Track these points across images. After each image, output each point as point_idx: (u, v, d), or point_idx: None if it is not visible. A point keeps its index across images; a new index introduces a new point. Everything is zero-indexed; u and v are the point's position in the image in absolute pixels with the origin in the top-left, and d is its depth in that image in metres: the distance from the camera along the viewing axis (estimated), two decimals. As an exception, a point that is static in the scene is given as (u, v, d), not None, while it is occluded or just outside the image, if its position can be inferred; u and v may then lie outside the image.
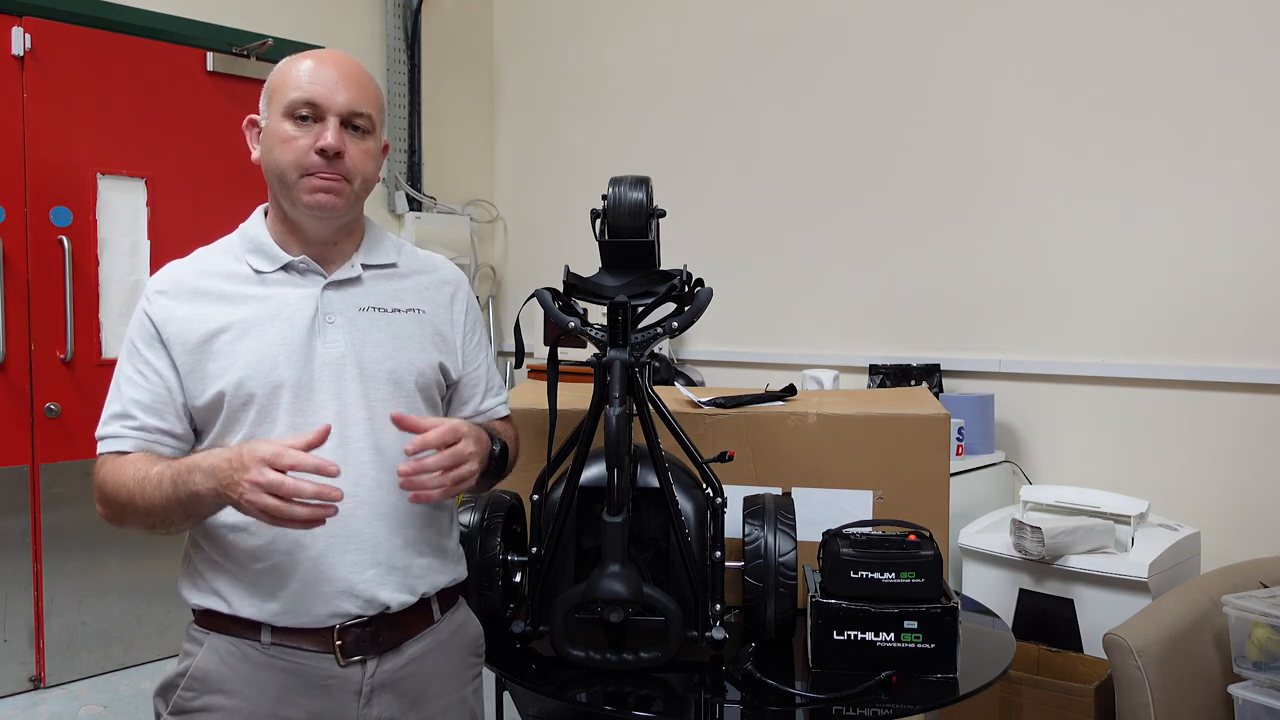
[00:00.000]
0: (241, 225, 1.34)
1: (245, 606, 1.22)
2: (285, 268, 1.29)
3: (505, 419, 1.50)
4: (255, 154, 1.31)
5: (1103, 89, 2.58)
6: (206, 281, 1.28)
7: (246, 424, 1.23)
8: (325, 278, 1.30)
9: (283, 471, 1.09)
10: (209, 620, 1.25)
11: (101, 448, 1.25)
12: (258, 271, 1.28)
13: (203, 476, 1.14)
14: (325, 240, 1.31)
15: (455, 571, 1.38)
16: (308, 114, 1.24)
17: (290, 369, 1.24)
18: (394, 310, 1.33)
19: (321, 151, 1.23)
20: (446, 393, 1.41)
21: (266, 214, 1.35)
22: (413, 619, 1.31)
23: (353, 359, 1.27)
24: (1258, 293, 2.34)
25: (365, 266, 1.33)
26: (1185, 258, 2.45)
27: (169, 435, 1.25)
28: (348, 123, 1.26)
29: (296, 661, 1.23)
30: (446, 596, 1.37)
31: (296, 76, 1.26)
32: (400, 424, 1.20)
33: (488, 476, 1.32)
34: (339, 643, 1.24)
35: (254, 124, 1.32)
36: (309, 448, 1.11)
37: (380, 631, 1.27)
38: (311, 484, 1.09)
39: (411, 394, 1.32)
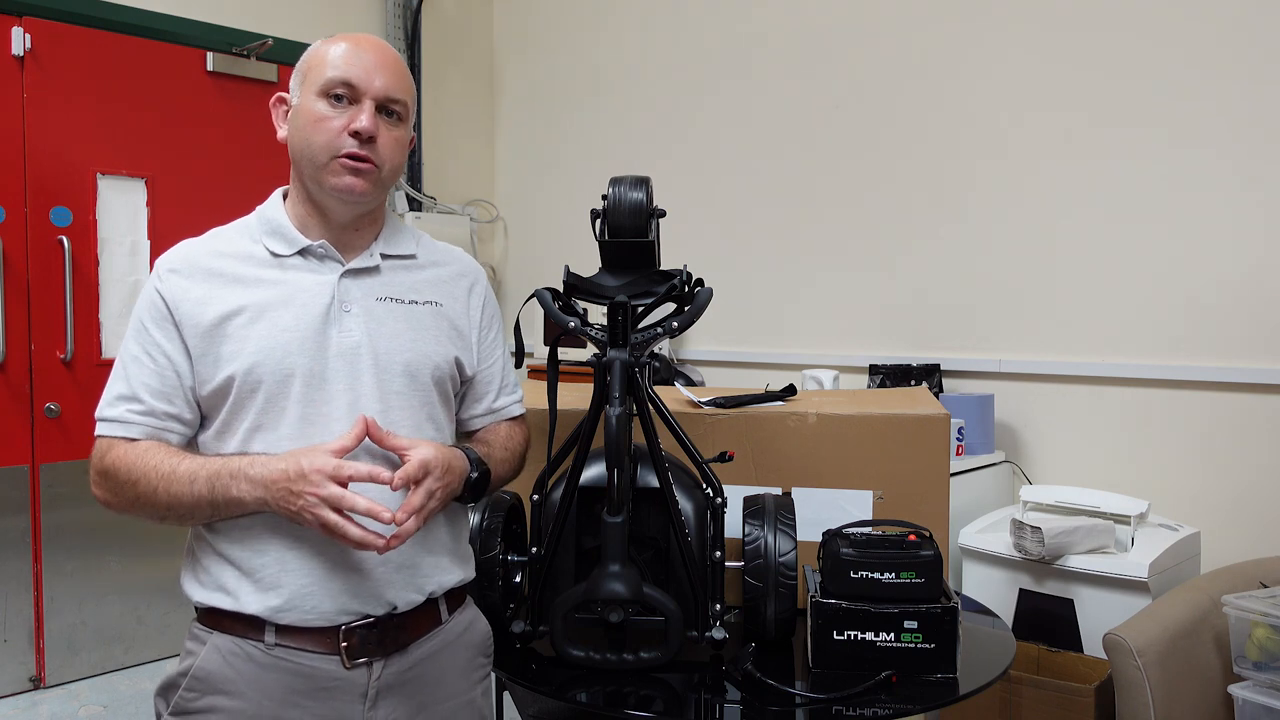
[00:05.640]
0: (259, 207, 1.32)
1: (251, 602, 1.19)
2: (303, 252, 1.27)
3: (517, 419, 1.48)
4: (281, 133, 1.29)
5: (1101, 92, 2.58)
6: (221, 262, 1.25)
7: (254, 410, 1.21)
8: (343, 265, 1.28)
9: (344, 484, 1.12)
10: (212, 619, 1.23)
11: (106, 429, 1.22)
12: (274, 254, 1.26)
13: (249, 485, 1.14)
14: (346, 226, 1.29)
15: (464, 571, 1.36)
16: (344, 94, 1.23)
17: (303, 357, 1.22)
18: (411, 302, 1.31)
19: (356, 134, 1.22)
20: (460, 388, 1.39)
21: (285, 196, 1.32)
22: (420, 619, 1.29)
23: (369, 349, 1.25)
24: (1257, 293, 2.34)
25: (384, 256, 1.32)
26: (1185, 258, 2.45)
27: (177, 420, 1.23)
28: (383, 107, 1.25)
29: (301, 663, 1.21)
30: (454, 596, 1.35)
31: (334, 56, 1.25)
32: (375, 439, 1.20)
33: (463, 500, 1.31)
34: (345, 644, 1.21)
35: (282, 101, 1.30)
36: (356, 441, 1.16)
37: (387, 632, 1.25)
38: (364, 500, 1.12)
39: (426, 388, 1.30)
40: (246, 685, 1.20)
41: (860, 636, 1.40)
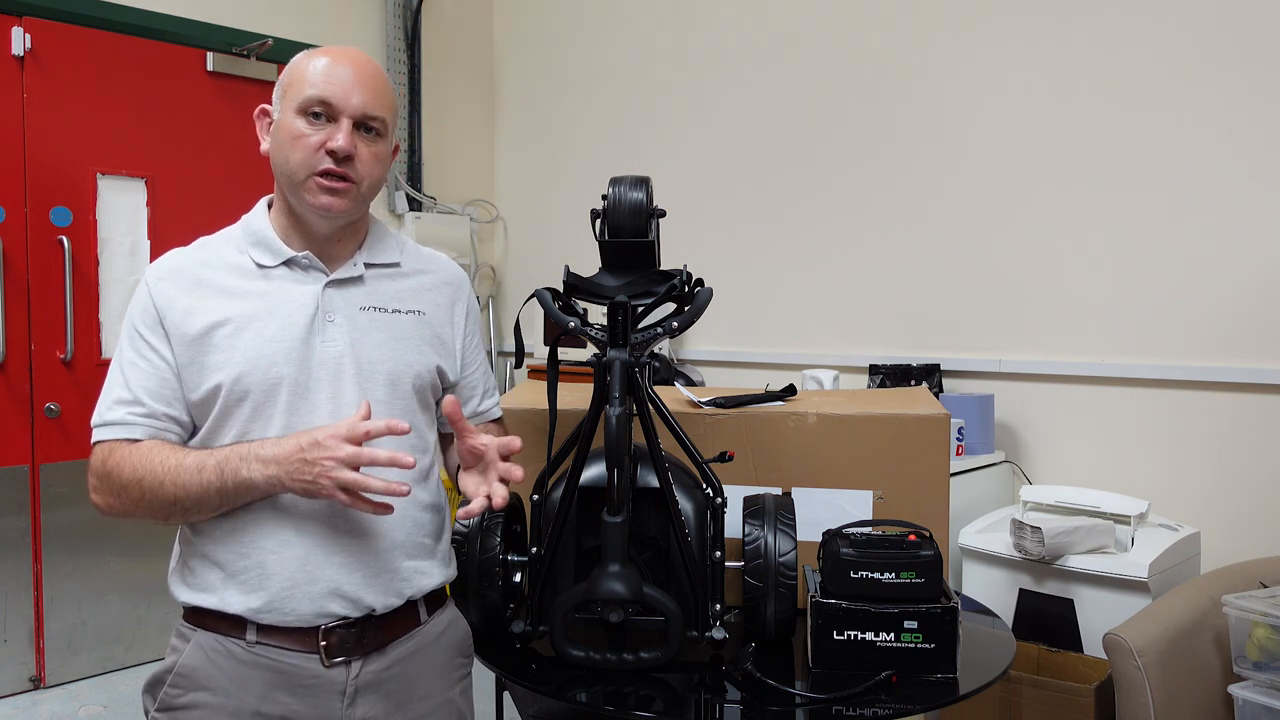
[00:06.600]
0: (245, 216, 1.33)
1: (234, 602, 1.22)
2: (287, 263, 1.28)
3: (498, 421, 1.51)
4: (264, 145, 1.31)
5: (1103, 93, 2.58)
6: (208, 273, 1.26)
7: (240, 420, 1.22)
8: (327, 275, 1.29)
9: (359, 444, 1.14)
10: (196, 617, 1.25)
11: (107, 434, 1.22)
12: (260, 265, 1.27)
13: (261, 465, 1.16)
14: (329, 237, 1.31)
15: (444, 574, 1.38)
16: (321, 112, 1.24)
17: (288, 366, 1.23)
18: (394, 311, 1.33)
19: (332, 153, 1.23)
20: (441, 395, 1.40)
21: (270, 205, 1.34)
22: (398, 621, 1.30)
23: (351, 359, 1.27)
24: (1257, 293, 2.34)
25: (368, 265, 1.33)
26: (1185, 258, 2.45)
27: (176, 423, 1.24)
28: (360, 124, 1.26)
29: (281, 660, 1.23)
30: (434, 598, 1.37)
31: (312, 73, 1.25)
32: (452, 417, 1.24)
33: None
34: (323, 643, 1.23)
35: (265, 114, 1.31)
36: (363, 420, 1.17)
37: (365, 633, 1.26)
38: (384, 452, 1.15)
39: (407, 396, 1.32)
40: (228, 681, 1.22)
41: (860, 636, 1.40)
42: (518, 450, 1.26)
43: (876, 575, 1.41)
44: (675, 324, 1.43)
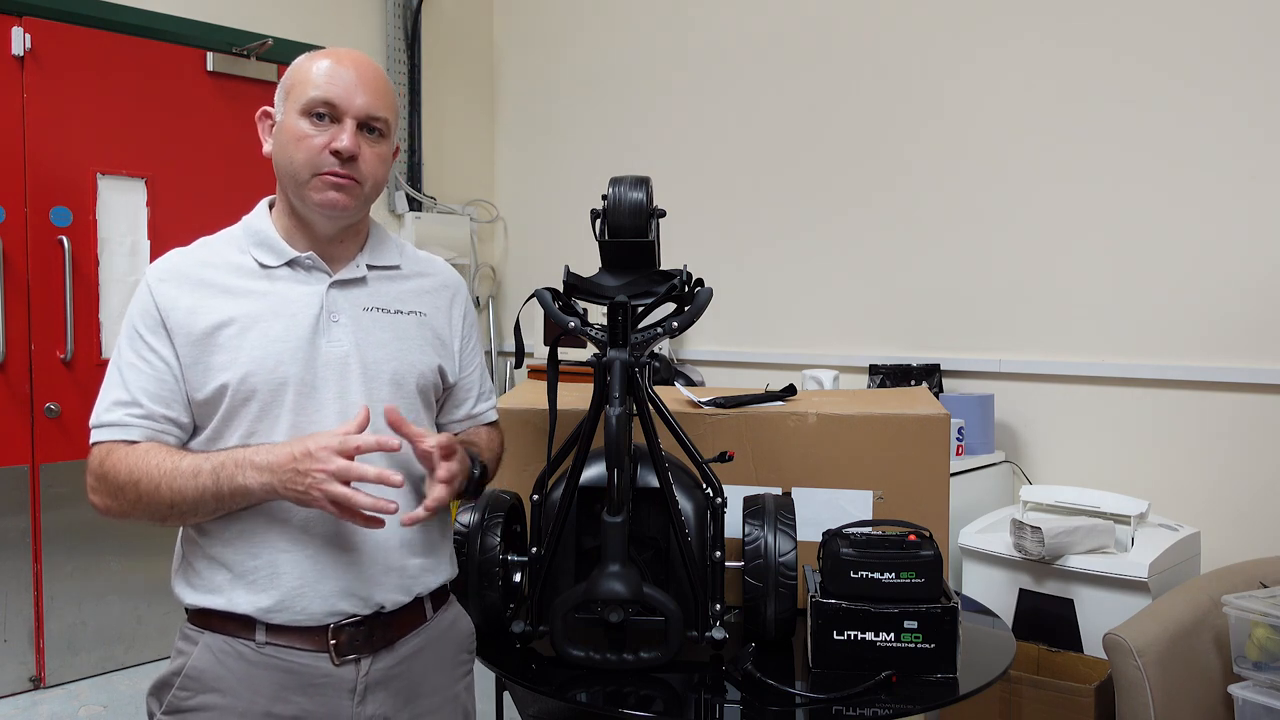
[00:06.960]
0: (245, 217, 1.34)
1: (243, 602, 1.21)
2: (291, 264, 1.29)
3: (493, 424, 1.52)
4: (267, 147, 1.31)
5: (1104, 93, 2.58)
6: (210, 273, 1.26)
7: (247, 419, 1.22)
8: (330, 276, 1.30)
9: (350, 458, 1.13)
10: (203, 619, 1.25)
11: (104, 435, 1.22)
12: (262, 265, 1.28)
13: (256, 472, 1.16)
14: (331, 237, 1.31)
15: (448, 571, 1.39)
16: (324, 113, 1.24)
17: (294, 366, 1.23)
18: (396, 311, 1.34)
19: (336, 153, 1.24)
20: (441, 395, 1.42)
21: (272, 207, 1.34)
22: (406, 617, 1.31)
23: (357, 358, 1.27)
24: (1257, 293, 2.34)
25: (370, 267, 1.34)
26: (1185, 258, 2.45)
27: (175, 425, 1.24)
28: (364, 125, 1.26)
29: (291, 660, 1.23)
30: (438, 595, 1.38)
31: (316, 75, 1.25)
32: (394, 425, 1.22)
33: (462, 497, 1.34)
34: (333, 642, 1.24)
35: (267, 116, 1.32)
36: (360, 428, 1.17)
37: (374, 630, 1.27)
38: (372, 469, 1.14)
39: (411, 395, 1.33)
40: (238, 682, 1.22)
41: (860, 636, 1.40)
42: (450, 447, 1.25)
43: (876, 575, 1.41)
44: (675, 324, 1.43)
